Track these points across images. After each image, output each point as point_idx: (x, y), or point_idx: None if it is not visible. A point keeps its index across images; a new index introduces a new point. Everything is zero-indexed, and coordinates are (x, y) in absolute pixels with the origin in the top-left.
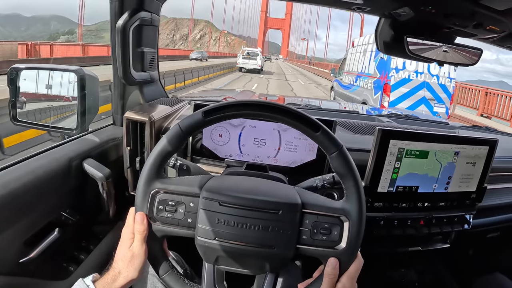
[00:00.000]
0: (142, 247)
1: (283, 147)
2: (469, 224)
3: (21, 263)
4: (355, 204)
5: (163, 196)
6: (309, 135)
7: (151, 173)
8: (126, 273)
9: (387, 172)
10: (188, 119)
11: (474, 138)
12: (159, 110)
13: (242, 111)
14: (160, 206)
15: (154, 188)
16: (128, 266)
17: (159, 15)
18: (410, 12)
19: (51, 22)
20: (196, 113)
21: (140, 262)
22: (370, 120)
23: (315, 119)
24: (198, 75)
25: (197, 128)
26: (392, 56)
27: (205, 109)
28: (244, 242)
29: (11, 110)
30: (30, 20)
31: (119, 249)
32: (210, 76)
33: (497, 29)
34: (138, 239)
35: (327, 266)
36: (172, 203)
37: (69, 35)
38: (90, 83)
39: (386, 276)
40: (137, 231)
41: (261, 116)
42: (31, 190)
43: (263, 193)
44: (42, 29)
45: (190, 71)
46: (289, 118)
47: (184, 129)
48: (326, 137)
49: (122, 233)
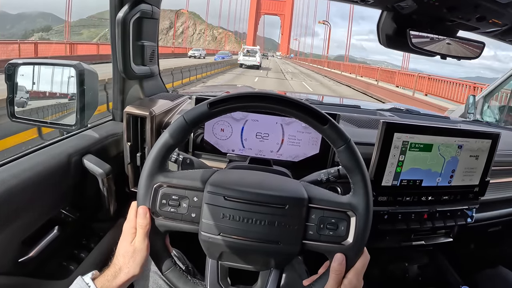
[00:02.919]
0: (144, 242)
1: (286, 141)
2: (472, 218)
3: (20, 263)
4: (362, 199)
5: (166, 190)
6: (316, 128)
7: (154, 166)
8: (128, 269)
9: (391, 165)
10: (193, 111)
11: (477, 131)
12: (159, 105)
13: (247, 103)
14: (163, 200)
15: (157, 182)
16: (129, 262)
17: (159, 7)
18: (413, 4)
19: (37, 19)
20: (201, 105)
21: (142, 258)
22: (372, 114)
23: (323, 112)
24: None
25: (202, 120)
26: (394, 49)
27: (210, 101)
28: (249, 237)
29: (9, 107)
30: (16, 18)
31: (120, 244)
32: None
33: (499, 22)
34: (140, 233)
35: (333, 262)
36: (176, 198)
37: (44, 32)
38: (89, 78)
39: (389, 270)
40: (140, 225)
41: (267, 108)
42: (30, 187)
43: (269, 187)
44: (28, 26)
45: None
46: (296, 111)
47: (189, 121)
48: (334, 130)
49: (124, 228)
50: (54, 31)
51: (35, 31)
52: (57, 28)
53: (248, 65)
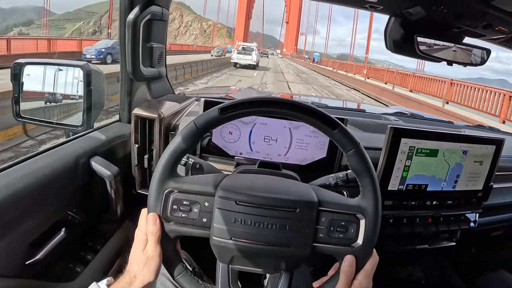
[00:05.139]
0: (156, 249)
1: (293, 145)
2: (475, 222)
3: (27, 265)
4: (371, 202)
5: (177, 195)
6: (326, 132)
7: (165, 172)
8: (142, 277)
9: (397, 170)
10: (204, 116)
11: (482, 137)
12: (167, 107)
13: (258, 108)
14: (174, 206)
15: (168, 188)
16: (143, 269)
17: (168, 9)
18: (421, 11)
19: (28, 13)
20: (212, 110)
21: (155, 265)
22: (377, 119)
23: (333, 117)
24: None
25: (213, 125)
26: (401, 55)
27: (221, 106)
28: (260, 241)
29: (14, 106)
30: (9, 12)
31: (133, 252)
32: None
33: (505, 30)
34: (151, 240)
35: (343, 264)
36: (187, 203)
37: (24, 26)
38: (96, 79)
39: (392, 273)
40: (150, 232)
41: (278, 113)
42: (37, 189)
43: (280, 191)
44: (18, 21)
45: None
46: (306, 115)
47: (200, 126)
48: (344, 134)
49: (135, 235)
50: (35, 25)
51: (16, 25)
52: (39, 23)
53: (243, 64)
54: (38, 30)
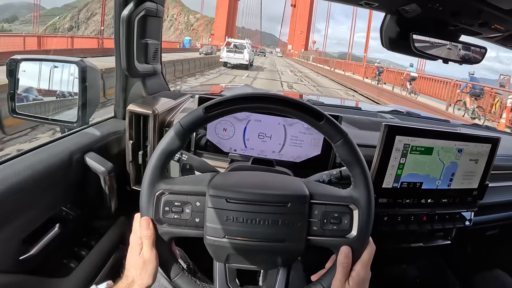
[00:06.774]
0: (152, 252)
1: (288, 142)
2: (470, 221)
3: (21, 261)
4: (363, 191)
5: (168, 197)
6: (313, 124)
7: (154, 174)
8: (141, 281)
9: (392, 168)
10: (189, 116)
11: (477, 135)
12: (162, 103)
13: (243, 105)
14: (166, 207)
15: (158, 190)
16: (141, 274)
17: (163, 6)
18: (417, 9)
19: (21, 10)
20: (197, 109)
21: (153, 268)
22: (373, 116)
23: (318, 109)
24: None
25: (199, 124)
26: (396, 53)
27: (205, 105)
28: (254, 237)
29: (10, 103)
30: (2, 9)
31: (129, 256)
32: None
33: (502, 28)
34: (146, 244)
35: (339, 255)
36: (178, 204)
37: (7, 23)
38: (91, 75)
39: (387, 271)
40: (144, 236)
41: (264, 108)
42: (31, 185)
43: (270, 186)
44: (10, 17)
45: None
46: (291, 109)
47: (186, 126)
48: (330, 125)
49: (130, 240)
50: (19, 21)
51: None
52: (23, 19)
53: (234, 64)
54: (22, 26)
